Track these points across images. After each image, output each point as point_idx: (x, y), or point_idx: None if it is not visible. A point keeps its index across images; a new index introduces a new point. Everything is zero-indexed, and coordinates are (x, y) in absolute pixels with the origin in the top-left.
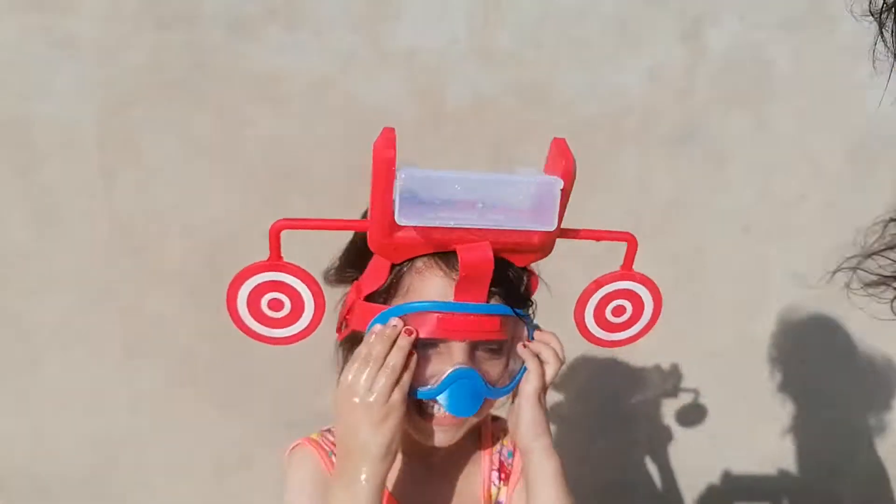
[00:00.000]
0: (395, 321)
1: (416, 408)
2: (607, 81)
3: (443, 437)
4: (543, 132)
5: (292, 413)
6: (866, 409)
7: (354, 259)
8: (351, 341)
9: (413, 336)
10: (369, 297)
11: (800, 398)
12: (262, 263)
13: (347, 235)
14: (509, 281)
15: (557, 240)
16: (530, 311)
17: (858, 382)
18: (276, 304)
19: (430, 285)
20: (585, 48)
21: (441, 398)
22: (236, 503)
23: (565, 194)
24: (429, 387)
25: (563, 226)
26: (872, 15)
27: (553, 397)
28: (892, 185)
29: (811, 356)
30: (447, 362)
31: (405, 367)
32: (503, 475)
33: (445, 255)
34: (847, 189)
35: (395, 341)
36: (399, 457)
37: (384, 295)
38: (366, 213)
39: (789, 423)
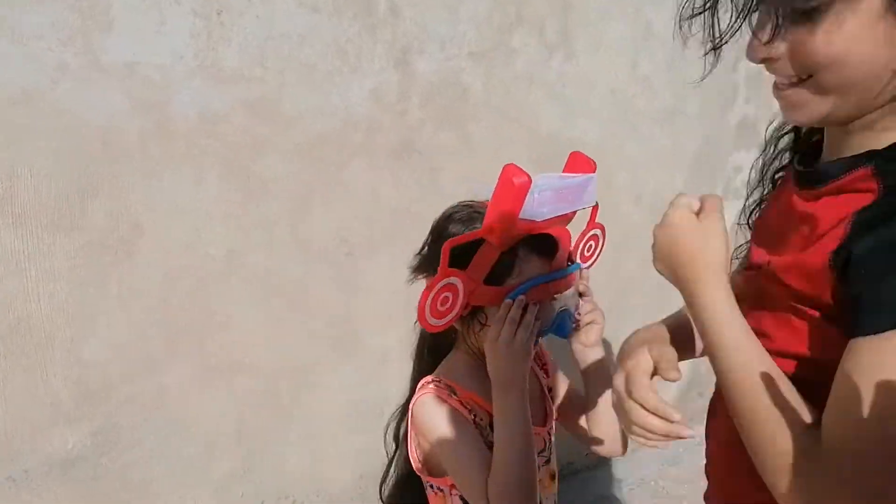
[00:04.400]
0: (521, 297)
1: None
2: (333, 100)
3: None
4: (276, 146)
5: (16, 464)
6: None
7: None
8: (471, 315)
9: (532, 303)
10: (488, 282)
11: None
12: (442, 272)
13: None
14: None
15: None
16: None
17: None
18: (444, 301)
19: (534, 266)
20: (311, 69)
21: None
22: None
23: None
24: (543, 328)
25: None
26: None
27: None
28: None
29: None
30: (549, 310)
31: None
32: (545, 372)
33: (535, 243)
34: None
35: (524, 308)
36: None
37: (500, 278)
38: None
39: None
